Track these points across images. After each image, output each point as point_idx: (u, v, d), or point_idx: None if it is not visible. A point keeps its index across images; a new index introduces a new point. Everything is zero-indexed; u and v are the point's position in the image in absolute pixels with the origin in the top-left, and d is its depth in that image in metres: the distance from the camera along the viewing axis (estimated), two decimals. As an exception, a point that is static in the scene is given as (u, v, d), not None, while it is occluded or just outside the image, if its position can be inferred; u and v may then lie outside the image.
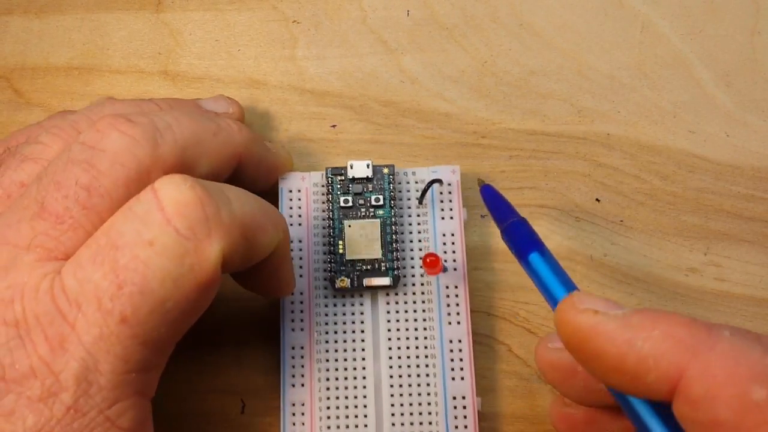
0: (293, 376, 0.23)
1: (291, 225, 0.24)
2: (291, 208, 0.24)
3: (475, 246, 0.25)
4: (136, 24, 0.28)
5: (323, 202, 0.24)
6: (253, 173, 0.23)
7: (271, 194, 0.24)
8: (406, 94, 0.27)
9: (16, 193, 0.19)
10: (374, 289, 0.23)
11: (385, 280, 0.23)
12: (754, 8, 0.28)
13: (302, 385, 0.23)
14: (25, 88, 0.27)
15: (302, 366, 0.23)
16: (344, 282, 0.23)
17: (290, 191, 0.24)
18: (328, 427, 0.22)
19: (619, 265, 0.25)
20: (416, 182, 0.25)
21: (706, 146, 0.26)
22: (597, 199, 0.26)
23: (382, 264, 0.23)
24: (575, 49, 0.28)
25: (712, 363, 0.15)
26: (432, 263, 0.22)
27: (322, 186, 0.24)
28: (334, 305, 0.23)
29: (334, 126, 0.27)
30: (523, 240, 0.20)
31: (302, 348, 0.23)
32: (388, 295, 0.24)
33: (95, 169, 0.18)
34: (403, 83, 0.27)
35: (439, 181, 0.24)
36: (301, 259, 0.24)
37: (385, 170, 0.24)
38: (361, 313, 0.23)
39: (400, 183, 0.25)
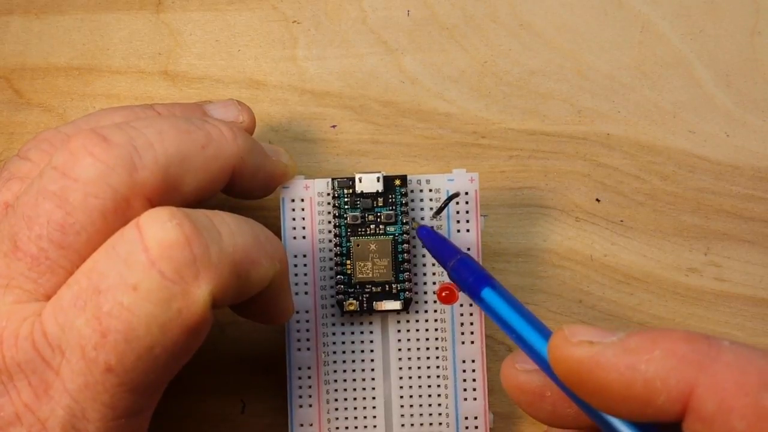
0: (300, 396, 0.22)
1: (294, 238, 0.23)
2: (294, 219, 0.23)
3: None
4: (136, 24, 0.28)
5: (329, 212, 0.23)
6: (249, 184, 0.21)
7: (272, 205, 0.24)
8: (406, 94, 0.27)
9: (0, 215, 0.18)
10: (384, 313, 0.23)
11: (396, 304, 0.22)
12: (754, 8, 0.28)
13: (310, 405, 0.22)
14: (25, 89, 0.27)
15: (309, 387, 0.22)
16: (353, 305, 0.22)
17: (293, 201, 0.23)
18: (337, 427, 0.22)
19: (619, 265, 0.25)
20: (430, 190, 0.23)
21: (706, 146, 0.26)
22: (597, 199, 0.26)
23: (393, 286, 0.22)
24: (575, 49, 0.28)
25: (720, 375, 0.14)
26: (447, 297, 0.21)
27: (327, 195, 0.23)
28: (342, 324, 0.23)
29: (334, 126, 0.27)
30: (472, 277, 0.20)
31: (309, 368, 0.22)
32: (399, 314, 0.23)
33: (68, 203, 0.16)
34: (403, 83, 0.27)
35: (458, 194, 0.23)
36: (306, 275, 0.23)
37: (397, 182, 0.23)
38: (371, 332, 0.23)
39: (412, 191, 0.23)
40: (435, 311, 0.23)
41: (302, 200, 0.23)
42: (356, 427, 0.22)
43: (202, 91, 0.27)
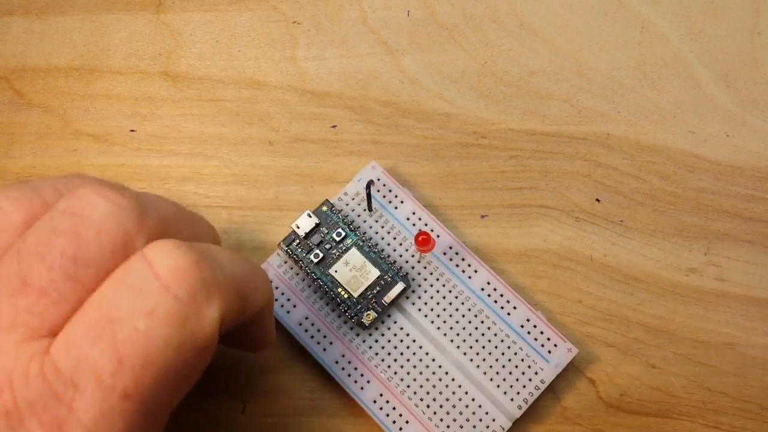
0: (394, 422, 0.23)
1: (288, 312, 0.24)
2: (276, 300, 0.24)
3: (476, 247, 0.25)
4: (136, 25, 0.28)
5: (297, 273, 0.24)
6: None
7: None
8: (406, 94, 0.27)
9: None
10: (396, 300, 0.24)
11: (400, 286, 0.23)
12: (754, 8, 0.28)
13: (407, 422, 0.23)
14: (25, 89, 0.27)
15: (394, 408, 0.23)
16: (370, 315, 0.23)
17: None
18: (435, 413, 0.23)
19: (619, 265, 0.25)
20: (353, 199, 0.25)
21: (706, 146, 0.26)
22: (597, 199, 0.26)
23: (386, 276, 0.24)
24: (575, 49, 0.28)
25: None
26: (424, 240, 0.22)
27: (285, 263, 0.24)
28: (376, 340, 0.23)
29: (334, 126, 0.27)
30: None
31: (381, 395, 0.23)
32: (408, 298, 0.24)
33: (81, 237, 0.17)
34: (403, 83, 0.27)
35: (372, 182, 0.24)
36: (319, 331, 0.23)
37: (324, 208, 0.24)
38: (401, 327, 0.23)
39: (342, 210, 0.25)
40: (432, 274, 0.24)
41: (270, 282, 0.24)
42: (454, 406, 0.23)
43: (202, 92, 0.27)
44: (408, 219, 0.25)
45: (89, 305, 0.16)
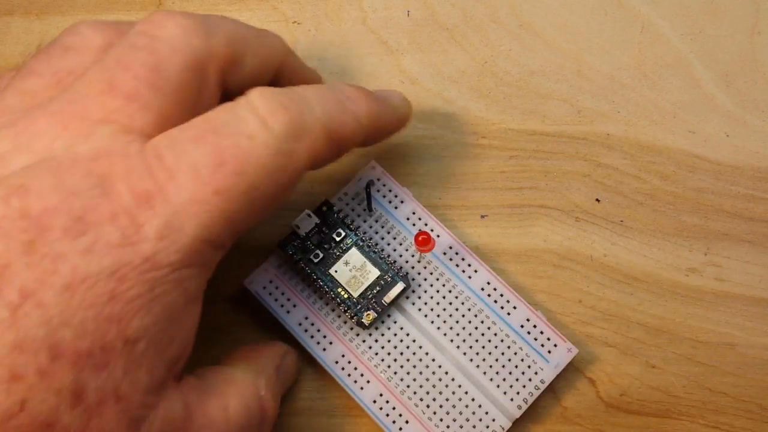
0: (394, 422, 0.23)
1: (288, 312, 0.24)
2: (276, 299, 0.24)
3: (476, 247, 0.25)
4: (136, 25, 0.28)
5: (297, 274, 0.24)
6: (288, 84, 0.23)
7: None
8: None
9: (66, 80, 0.19)
10: (396, 300, 0.23)
11: (400, 286, 0.23)
12: (754, 8, 0.28)
13: (407, 422, 0.23)
14: (25, 89, 0.27)
15: (393, 408, 0.23)
16: (370, 315, 0.23)
17: (264, 288, 0.24)
18: (435, 413, 0.23)
19: (619, 265, 0.25)
20: (353, 198, 0.25)
21: (706, 146, 0.26)
22: (597, 199, 0.26)
23: (386, 277, 0.23)
24: (575, 49, 0.28)
25: None
26: (424, 240, 0.22)
27: (285, 263, 0.24)
28: (376, 340, 0.23)
29: (334, 126, 0.27)
30: None
31: (381, 396, 0.23)
32: (408, 298, 0.24)
33: (158, 53, 0.18)
34: (403, 83, 0.27)
35: (371, 182, 0.25)
36: (319, 331, 0.23)
37: (324, 208, 0.24)
38: (401, 328, 0.23)
39: (341, 210, 0.25)
40: (431, 274, 0.24)
41: (270, 282, 0.24)
42: (454, 406, 0.23)
43: (202, 92, 0.27)
44: (408, 219, 0.25)
45: (198, 120, 0.18)
